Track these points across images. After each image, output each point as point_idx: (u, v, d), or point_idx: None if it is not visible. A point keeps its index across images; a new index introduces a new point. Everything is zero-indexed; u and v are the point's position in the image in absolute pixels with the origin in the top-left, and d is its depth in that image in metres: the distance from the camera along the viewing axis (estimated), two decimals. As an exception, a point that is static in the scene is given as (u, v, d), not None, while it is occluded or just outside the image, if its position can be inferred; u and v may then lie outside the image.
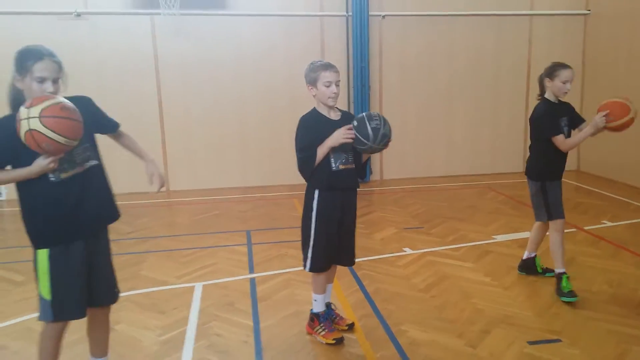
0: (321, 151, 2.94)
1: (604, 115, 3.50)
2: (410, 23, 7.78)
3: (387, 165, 8.08)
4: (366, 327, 3.36)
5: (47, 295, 2.25)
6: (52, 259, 2.23)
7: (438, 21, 7.82)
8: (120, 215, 2.58)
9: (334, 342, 3.12)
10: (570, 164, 3.70)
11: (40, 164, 2.17)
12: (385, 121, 2.87)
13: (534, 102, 8.88)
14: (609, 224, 5.45)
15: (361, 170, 3.17)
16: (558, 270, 3.74)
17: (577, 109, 3.78)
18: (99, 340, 2.62)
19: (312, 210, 3.07)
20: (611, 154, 7.45)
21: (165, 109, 7.39)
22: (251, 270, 4.40)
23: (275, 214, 6.19)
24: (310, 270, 3.15)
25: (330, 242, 3.10)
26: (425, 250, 4.78)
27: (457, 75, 8.03)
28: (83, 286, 2.35)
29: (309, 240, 3.11)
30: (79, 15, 6.94)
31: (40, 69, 2.18)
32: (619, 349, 3.02)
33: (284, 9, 7.47)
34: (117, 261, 4.54)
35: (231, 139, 7.62)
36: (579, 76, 8.19)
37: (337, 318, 3.36)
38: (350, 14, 7.55)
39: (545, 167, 3.80)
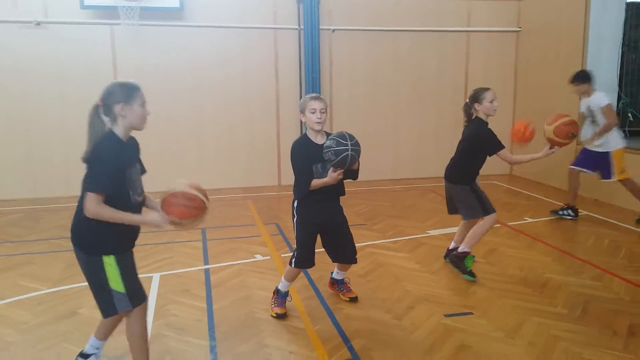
0: (317, 184, 3.36)
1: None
2: (359, 37, 8.34)
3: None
4: (308, 306, 3.81)
5: (121, 289, 2.58)
6: (119, 261, 2.58)
7: (384, 36, 8.41)
8: None
9: (275, 315, 3.61)
10: (503, 168, 4.19)
11: (157, 220, 2.60)
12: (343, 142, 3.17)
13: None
14: (530, 220, 6.10)
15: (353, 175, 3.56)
16: (464, 249, 4.28)
17: (510, 119, 4.44)
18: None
19: (294, 217, 3.55)
20: (540, 159, 8.15)
21: (123, 115, 7.65)
22: (206, 262, 4.79)
23: (230, 214, 6.58)
24: (295, 266, 3.57)
25: (312, 244, 3.55)
26: (367, 243, 5.28)
27: (402, 87, 8.63)
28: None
29: (296, 241, 3.58)
30: (38, 24, 7.18)
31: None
32: (519, 319, 3.57)
33: (239, 22, 7.90)
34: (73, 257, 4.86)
35: (187, 144, 7.97)
36: (512, 88, 8.94)
37: (345, 290, 3.90)
38: (302, 27, 8.04)
39: (473, 173, 4.34)
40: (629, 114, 7.39)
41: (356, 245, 3.66)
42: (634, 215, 6.11)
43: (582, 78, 5.84)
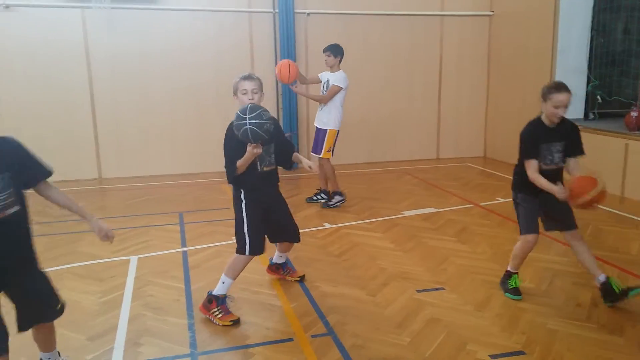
0: (240, 163, 3.18)
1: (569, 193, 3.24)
2: (333, 21, 8.35)
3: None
4: (285, 285, 3.89)
5: None
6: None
7: (358, 19, 8.45)
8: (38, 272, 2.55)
9: (231, 323, 3.27)
10: (477, 150, 3.87)
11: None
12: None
13: (445, 96, 9.73)
14: (502, 200, 6.25)
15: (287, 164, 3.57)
16: (511, 269, 3.72)
17: (483, 102, 3.56)
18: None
19: (241, 202, 3.36)
20: (511, 142, 8.30)
21: (96, 100, 7.58)
22: (183, 245, 4.83)
23: (206, 197, 6.60)
24: (250, 253, 3.36)
25: (263, 228, 3.43)
26: (342, 224, 5.37)
27: (376, 70, 8.69)
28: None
29: (243, 229, 3.36)
30: (7, 7, 7.04)
31: None
32: (488, 293, 3.71)
33: (213, 5, 7.84)
34: (54, 240, 4.92)
35: (161, 128, 7.93)
36: (485, 71, 9.08)
37: (291, 271, 3.95)
38: (276, 10, 8.03)
39: (519, 179, 3.60)
40: (598, 97, 7.56)
41: (332, 226, 3.73)
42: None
43: (335, 51, 5.99)
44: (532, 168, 3.40)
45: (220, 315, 3.32)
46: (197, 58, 7.88)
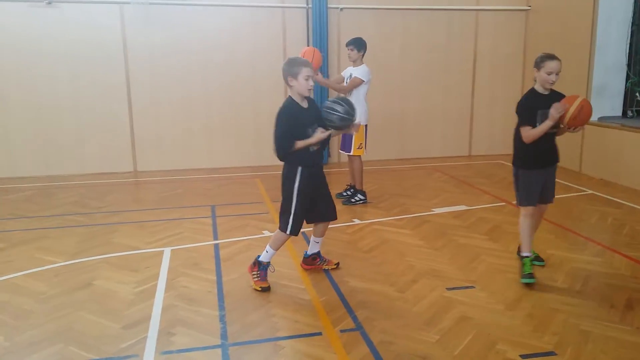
0: (301, 144, 3.53)
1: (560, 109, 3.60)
2: (367, 16, 8.33)
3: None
4: (314, 279, 3.92)
5: None
6: None
7: (392, 14, 8.40)
8: None
9: (260, 289, 3.70)
10: (510, 148, 3.79)
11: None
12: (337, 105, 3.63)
13: (479, 92, 9.60)
14: (535, 198, 6.14)
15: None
16: (523, 253, 3.89)
17: (517, 99, 3.88)
18: None
19: (295, 183, 3.61)
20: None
21: (133, 95, 7.74)
22: (215, 238, 4.91)
23: (239, 192, 6.69)
24: (291, 233, 3.67)
25: (306, 210, 3.71)
26: (372, 220, 5.38)
27: (410, 66, 8.63)
28: None
29: (290, 210, 3.64)
30: (50, 3, 7.25)
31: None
32: (520, 292, 3.67)
33: (248, 0, 7.91)
34: (90, 231, 5.05)
35: (196, 123, 8.05)
36: (521, 66, 8.92)
37: (327, 261, 4.08)
38: (310, 6, 8.05)
39: (520, 154, 3.89)
40: (637, 94, 7.35)
41: (362, 222, 3.75)
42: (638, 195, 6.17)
43: (359, 45, 5.94)
44: (527, 133, 3.73)
45: (256, 279, 3.74)
46: (233, 54, 7.96)
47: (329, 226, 4.03)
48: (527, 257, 3.86)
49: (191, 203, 6.15)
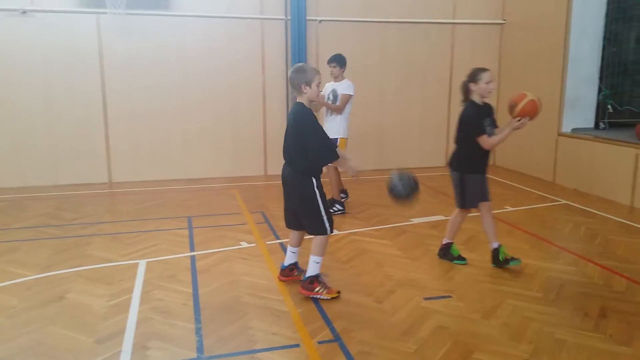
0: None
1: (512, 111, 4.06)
2: (345, 28, 8.39)
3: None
4: (292, 291, 3.90)
5: None
6: None
7: (371, 27, 8.48)
8: None
9: (337, 294, 3.74)
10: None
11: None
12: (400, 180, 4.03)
13: (455, 104, 9.70)
14: (510, 209, 6.24)
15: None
16: (493, 244, 4.33)
17: (494, 109, 4.34)
18: None
19: (317, 190, 3.66)
20: (521, 150, 8.32)
21: (109, 105, 7.66)
22: (192, 249, 4.86)
23: (216, 203, 6.64)
24: (331, 231, 3.74)
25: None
26: (350, 231, 5.38)
27: (388, 78, 8.71)
28: None
29: (321, 213, 3.68)
30: (24, 12, 7.15)
31: None
32: (495, 302, 3.70)
33: (226, 11, 7.92)
34: (63, 243, 4.95)
35: (174, 133, 8.00)
36: (497, 79, 9.05)
37: (304, 271, 3.94)
38: (288, 18, 8.09)
39: (466, 161, 4.27)
40: (609, 106, 7.52)
41: (340, 232, 3.75)
42: (614, 205, 6.30)
43: (341, 62, 6.07)
44: (485, 141, 4.08)
45: (326, 291, 3.72)
46: (210, 64, 7.95)
47: (306, 237, 4.02)
48: (498, 246, 4.27)
49: (167, 214, 6.08)
